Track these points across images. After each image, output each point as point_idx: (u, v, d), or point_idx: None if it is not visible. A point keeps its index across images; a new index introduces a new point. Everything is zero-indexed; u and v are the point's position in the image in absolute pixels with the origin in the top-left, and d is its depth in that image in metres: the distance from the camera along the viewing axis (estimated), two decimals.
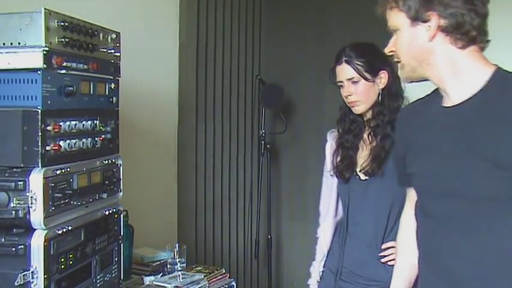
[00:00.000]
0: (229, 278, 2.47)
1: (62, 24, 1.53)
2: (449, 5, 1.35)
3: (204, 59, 3.25)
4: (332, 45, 3.65)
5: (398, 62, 1.48)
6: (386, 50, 1.48)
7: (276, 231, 3.97)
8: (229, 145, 3.55)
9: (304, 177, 3.88)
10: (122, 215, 1.88)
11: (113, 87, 1.81)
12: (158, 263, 2.43)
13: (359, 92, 1.99)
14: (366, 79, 1.98)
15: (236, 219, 3.67)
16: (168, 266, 2.39)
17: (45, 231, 1.48)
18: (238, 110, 3.64)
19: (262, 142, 3.60)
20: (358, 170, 2.04)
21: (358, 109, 2.03)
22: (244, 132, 3.72)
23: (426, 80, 1.45)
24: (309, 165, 3.85)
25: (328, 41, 3.72)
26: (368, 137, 2.05)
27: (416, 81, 1.48)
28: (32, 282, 1.45)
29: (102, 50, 1.74)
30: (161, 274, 2.35)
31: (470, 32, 1.35)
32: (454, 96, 1.40)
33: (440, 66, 1.40)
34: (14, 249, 1.45)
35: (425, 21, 1.37)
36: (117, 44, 1.82)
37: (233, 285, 2.47)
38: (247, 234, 3.74)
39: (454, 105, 1.41)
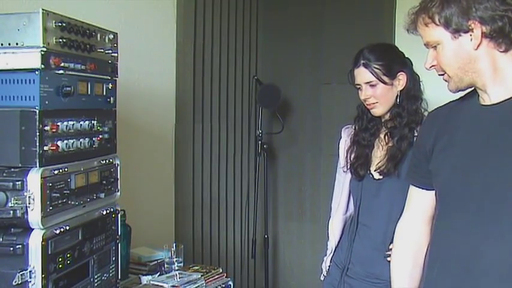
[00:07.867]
0: (226, 277, 2.48)
1: (60, 24, 1.53)
2: (487, 9, 1.34)
3: (201, 59, 3.25)
4: (328, 46, 3.71)
5: (441, 75, 1.45)
6: (427, 66, 1.46)
7: (272, 230, 3.98)
8: (226, 145, 3.56)
9: (300, 177, 3.89)
10: (119, 215, 1.89)
11: (110, 88, 1.81)
12: (155, 262, 2.44)
13: (377, 95, 1.99)
14: (384, 83, 1.98)
15: (233, 218, 3.68)
16: (166, 266, 2.40)
17: (43, 231, 1.48)
18: (235, 110, 3.65)
19: (259, 142, 3.60)
20: (373, 169, 2.04)
21: (376, 111, 2.03)
22: (241, 132, 3.73)
23: (473, 87, 1.44)
24: (305, 165, 3.86)
25: (324, 42, 3.74)
26: (385, 137, 2.04)
27: (463, 90, 1.47)
28: (30, 281, 1.45)
29: (100, 50, 1.74)
30: (158, 274, 2.36)
31: (510, 33, 1.35)
32: (494, 95, 1.40)
33: (484, 72, 1.39)
34: (11, 248, 1.45)
35: (467, 31, 1.36)
36: (115, 45, 1.82)
37: (230, 285, 2.48)
38: (244, 234, 3.74)
39: (492, 104, 1.41)
